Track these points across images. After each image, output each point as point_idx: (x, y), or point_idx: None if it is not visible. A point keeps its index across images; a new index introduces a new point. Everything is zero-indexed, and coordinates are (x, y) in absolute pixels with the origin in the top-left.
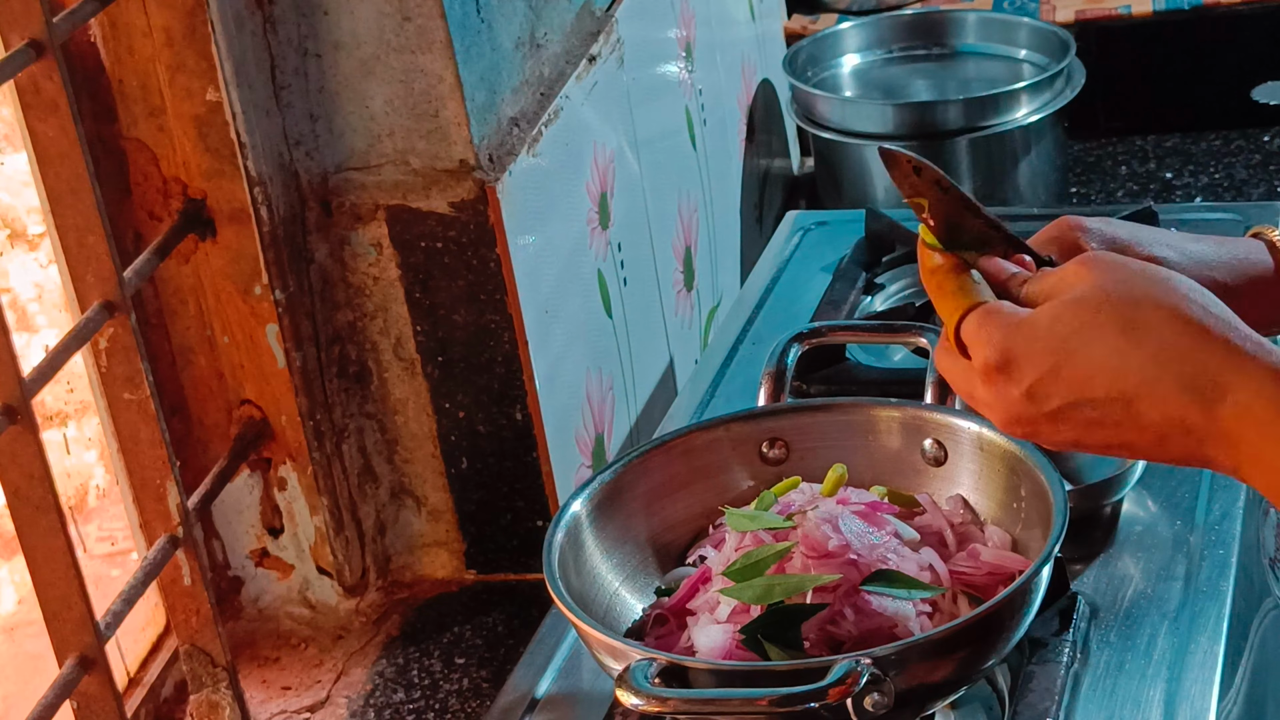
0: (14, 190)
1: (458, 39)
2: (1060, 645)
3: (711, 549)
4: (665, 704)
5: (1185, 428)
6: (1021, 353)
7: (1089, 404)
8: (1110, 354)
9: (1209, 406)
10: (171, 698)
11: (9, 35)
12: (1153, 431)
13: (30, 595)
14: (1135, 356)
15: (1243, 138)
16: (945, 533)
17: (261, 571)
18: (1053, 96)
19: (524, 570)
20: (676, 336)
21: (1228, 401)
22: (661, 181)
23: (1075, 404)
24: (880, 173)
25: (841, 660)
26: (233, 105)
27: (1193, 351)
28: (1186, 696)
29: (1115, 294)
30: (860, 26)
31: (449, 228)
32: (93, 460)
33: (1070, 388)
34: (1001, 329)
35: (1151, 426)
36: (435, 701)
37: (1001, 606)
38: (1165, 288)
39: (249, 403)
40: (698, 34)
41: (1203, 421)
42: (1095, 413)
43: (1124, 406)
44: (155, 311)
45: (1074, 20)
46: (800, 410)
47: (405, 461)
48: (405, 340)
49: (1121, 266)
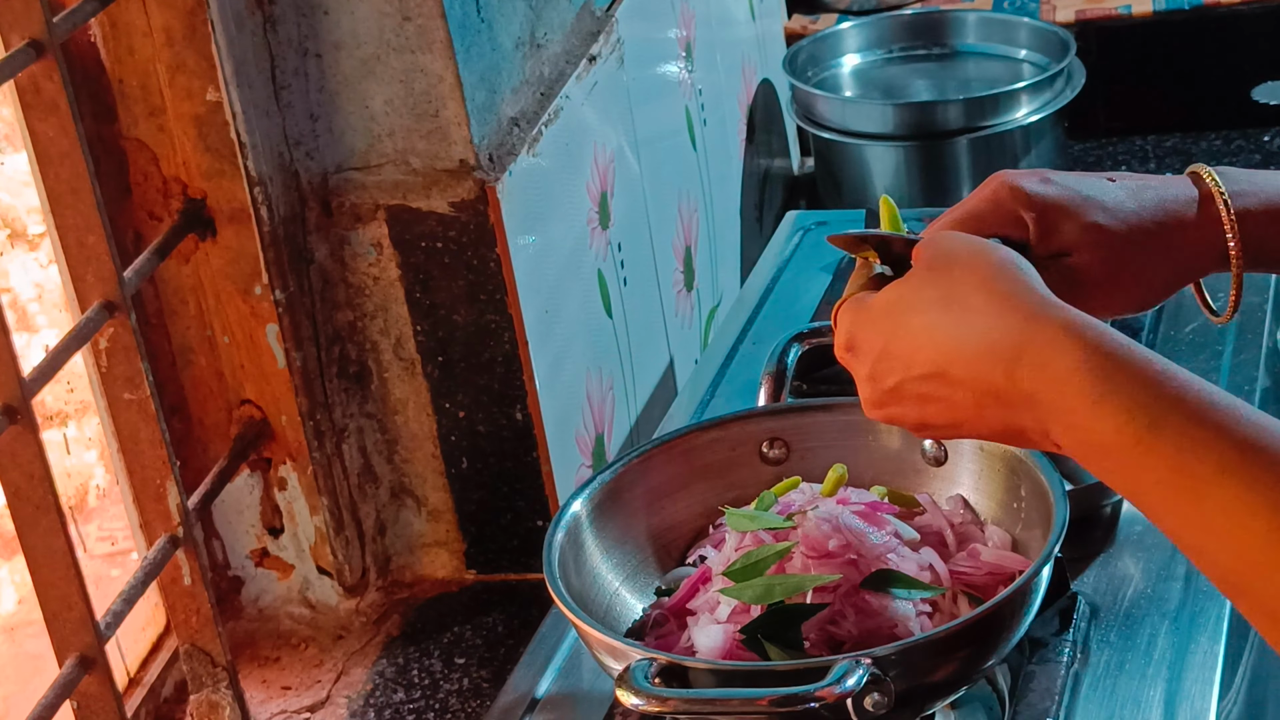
0: (14, 190)
1: (458, 39)
2: (1060, 645)
3: (711, 549)
4: (665, 704)
5: (994, 393)
6: (861, 336)
7: (917, 379)
8: (926, 327)
9: (1009, 368)
10: (171, 698)
11: (9, 35)
12: (970, 402)
13: (30, 595)
14: (945, 329)
15: (1243, 138)
16: (945, 533)
17: (261, 571)
18: (1053, 96)
19: (524, 570)
20: (676, 336)
21: (1025, 360)
22: (661, 181)
23: (906, 380)
24: (880, 173)
25: (841, 660)
26: (233, 105)
27: (993, 319)
28: (1186, 696)
29: (939, 272)
30: (860, 26)
31: (449, 228)
32: (93, 460)
33: (899, 364)
34: (848, 315)
35: (968, 397)
36: (435, 701)
37: (1001, 606)
38: (981, 261)
39: (249, 403)
40: (698, 34)
41: (1006, 384)
42: (924, 387)
43: (941, 378)
44: (155, 311)
45: (1074, 20)
46: (800, 410)
47: (405, 461)
48: (405, 340)
49: (950, 246)
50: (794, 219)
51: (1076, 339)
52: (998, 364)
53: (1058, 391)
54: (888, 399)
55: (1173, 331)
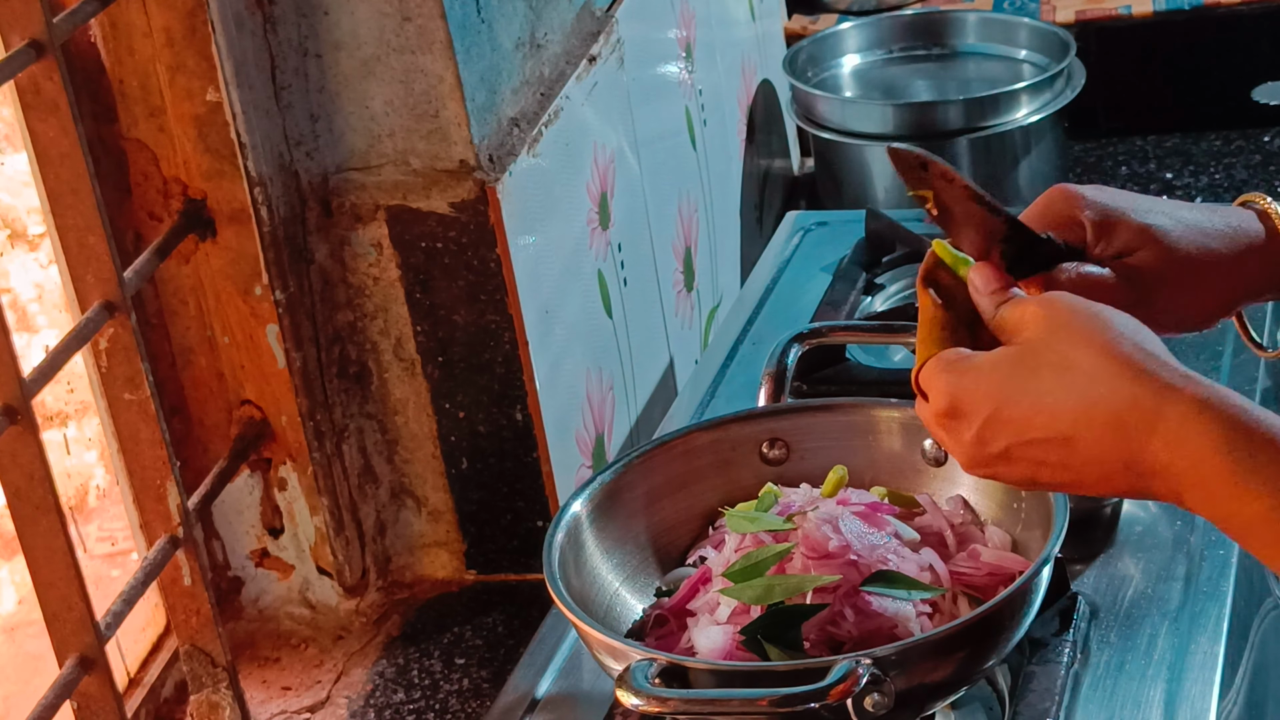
0: (14, 190)
1: (458, 39)
2: (1060, 645)
3: (711, 549)
4: (665, 704)
5: (1124, 463)
6: (966, 399)
7: (1029, 445)
8: (1044, 395)
9: (1141, 440)
10: (172, 698)
11: (9, 35)
12: (1095, 468)
13: (30, 595)
14: (1068, 396)
15: (1243, 138)
16: (945, 533)
17: (262, 572)
18: (1053, 97)
19: (524, 570)
20: (676, 337)
21: (1158, 433)
22: (661, 182)
23: (1019, 445)
24: (880, 173)
25: (841, 660)
26: (233, 105)
27: (1119, 388)
28: (1187, 697)
29: (1053, 335)
30: (860, 27)
31: (449, 228)
32: (93, 460)
33: (1011, 430)
34: (948, 377)
35: (1092, 463)
36: (435, 702)
37: (1001, 607)
38: (1100, 325)
39: (249, 403)
40: (698, 34)
41: (1138, 456)
42: (1039, 452)
43: (1063, 445)
44: (155, 312)
45: (1074, 20)
46: (800, 410)
47: (405, 462)
48: (405, 340)
49: (1069, 309)
50: (794, 219)
51: (1214, 414)
52: (1129, 436)
53: (1195, 468)
54: (995, 460)
55: None
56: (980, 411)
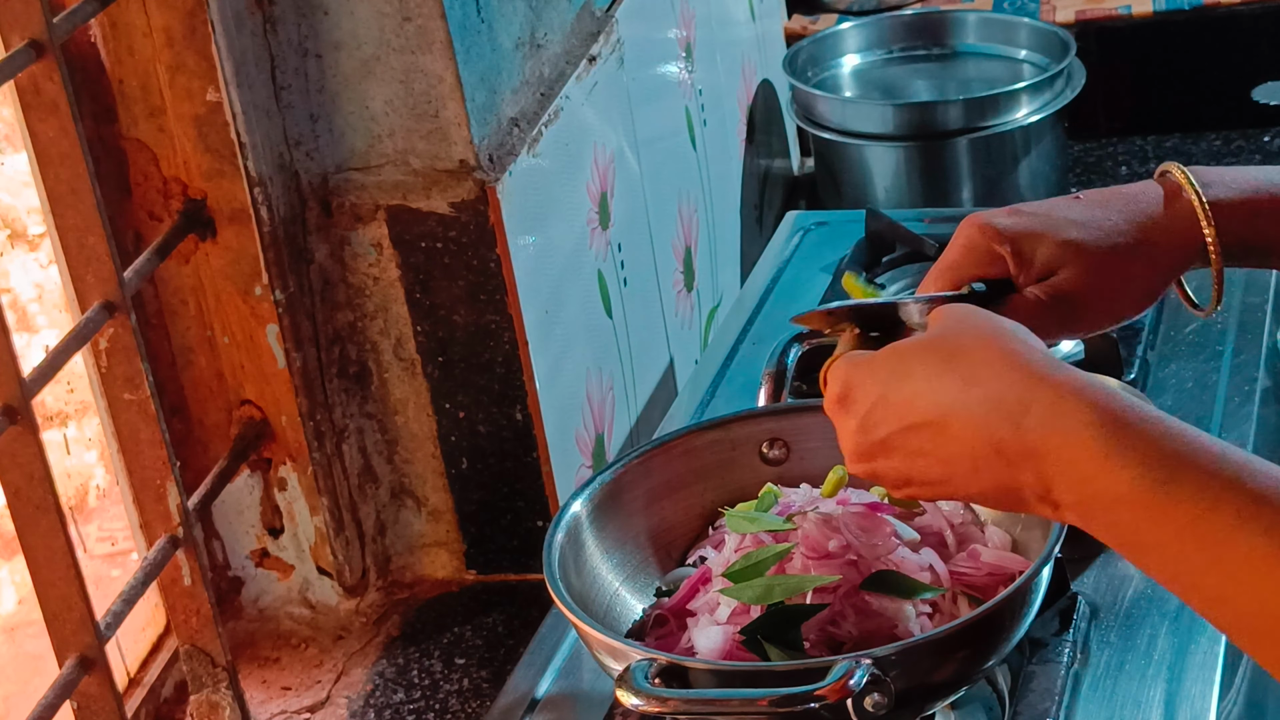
0: (14, 190)
1: (458, 39)
2: (1060, 645)
3: (711, 550)
4: (665, 704)
5: (995, 447)
6: (856, 384)
7: (910, 430)
8: (928, 380)
9: (1015, 422)
10: (171, 698)
11: (9, 35)
12: (966, 456)
13: (30, 595)
14: (950, 381)
15: (1243, 138)
16: (945, 533)
17: (262, 572)
18: (1053, 97)
19: (524, 570)
20: (676, 337)
21: (1031, 414)
22: (661, 182)
23: (899, 431)
24: (880, 173)
25: (841, 660)
26: (233, 105)
27: (1001, 374)
28: (1187, 697)
29: (946, 332)
30: (860, 27)
31: (449, 228)
32: (93, 460)
33: (894, 414)
34: (843, 367)
35: (965, 451)
36: (435, 702)
37: (1001, 607)
38: (990, 326)
39: (249, 403)
40: (698, 34)
41: (1010, 438)
42: (917, 439)
43: (939, 430)
44: (155, 312)
45: (1074, 20)
46: (800, 410)
47: (405, 462)
48: (405, 340)
49: (964, 311)
50: (794, 219)
51: (1086, 397)
52: (1003, 418)
53: (1067, 445)
54: (876, 450)
55: (1173, 332)
56: (868, 397)
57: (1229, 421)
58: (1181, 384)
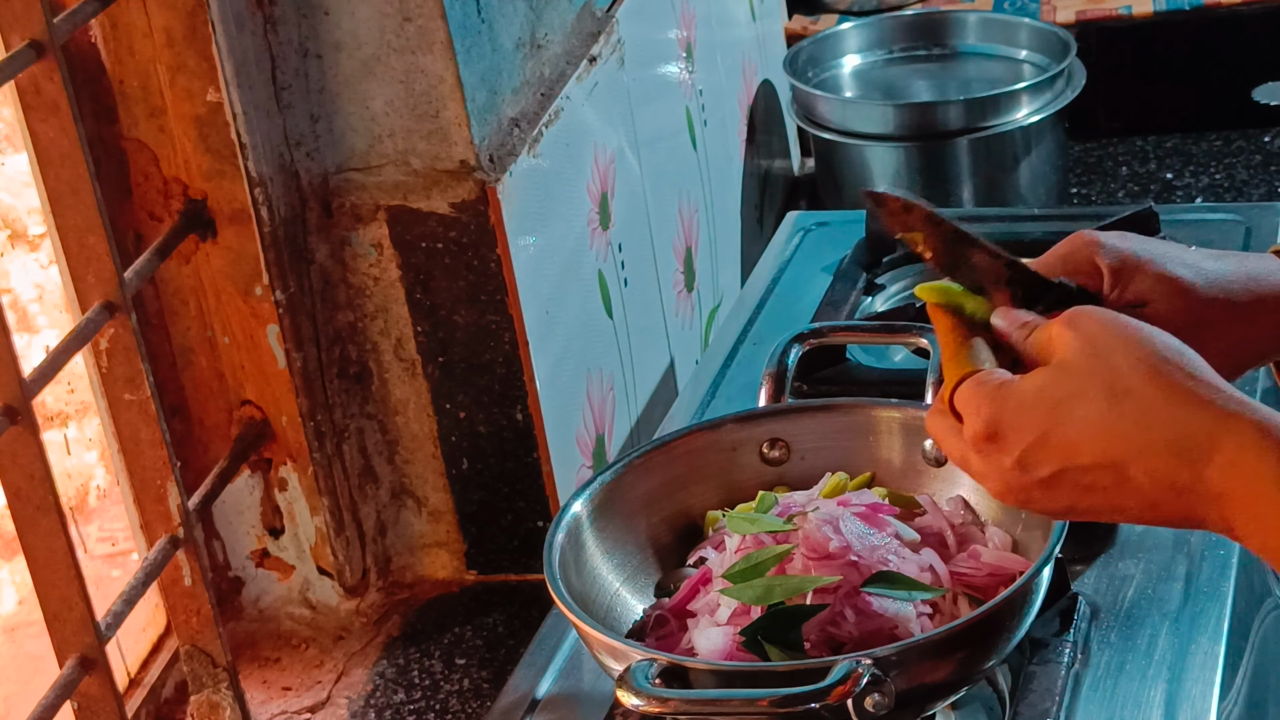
0: (14, 191)
1: (458, 39)
2: (1061, 646)
3: (712, 550)
4: (666, 704)
5: (1175, 490)
6: (1009, 423)
7: (1079, 470)
8: (1096, 420)
9: (1196, 467)
10: (172, 698)
11: (10, 36)
12: (1144, 495)
13: (31, 596)
14: (1121, 422)
15: (1243, 138)
16: (946, 534)
17: (262, 572)
18: (1053, 97)
19: (525, 571)
20: (677, 337)
21: (1214, 461)
22: (662, 182)
23: (1065, 470)
24: (881, 173)
25: (842, 661)
26: (233, 106)
27: (1178, 414)
28: (1187, 697)
29: (1099, 359)
30: (861, 27)
31: (449, 228)
32: (93, 461)
33: (1059, 455)
34: (990, 400)
35: (1142, 490)
36: (436, 702)
37: (1002, 607)
38: (1148, 350)
39: (249, 403)
40: (698, 34)
41: (1191, 482)
42: (1086, 479)
43: (1113, 472)
44: (156, 312)
45: (1074, 21)
46: (800, 411)
47: (406, 462)
48: (406, 341)
49: (1104, 327)
50: (794, 220)
51: (1274, 442)
52: (1185, 462)
53: (1251, 496)
54: (1037, 488)
55: None
56: (1024, 437)
57: None
58: None
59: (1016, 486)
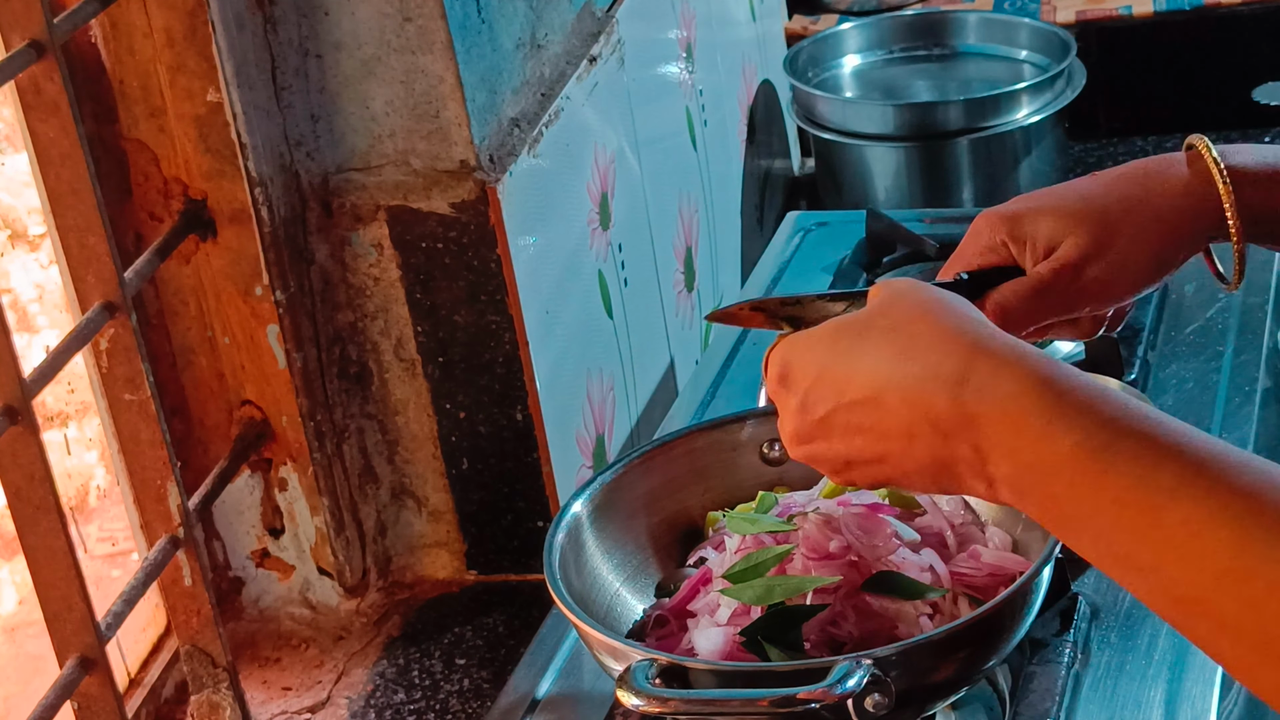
0: (14, 191)
1: (458, 40)
2: (1061, 646)
3: (712, 550)
4: (666, 704)
5: (931, 419)
6: (796, 363)
7: (846, 408)
8: (865, 355)
9: (952, 392)
10: (172, 698)
11: (10, 36)
12: (903, 431)
13: (31, 596)
14: (886, 354)
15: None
16: (946, 534)
17: (262, 572)
18: (1053, 97)
19: (525, 571)
20: (677, 337)
21: (969, 383)
22: (662, 182)
23: (836, 410)
24: (881, 173)
25: (842, 661)
26: (233, 106)
27: (938, 345)
28: (1187, 697)
29: (884, 306)
30: (861, 27)
31: (450, 228)
32: (93, 461)
33: (832, 391)
34: (786, 345)
35: (900, 424)
36: (436, 702)
37: (1002, 607)
38: (927, 299)
39: (250, 403)
40: (698, 34)
41: (947, 408)
42: (854, 417)
43: (876, 405)
44: (156, 312)
45: (1075, 21)
46: None
47: (406, 462)
48: (406, 341)
49: (905, 285)
50: (794, 220)
51: (1025, 364)
52: (940, 388)
53: (1006, 413)
54: (815, 430)
55: (1173, 332)
56: (808, 374)
57: (1229, 422)
58: (1182, 384)
59: (802, 431)
